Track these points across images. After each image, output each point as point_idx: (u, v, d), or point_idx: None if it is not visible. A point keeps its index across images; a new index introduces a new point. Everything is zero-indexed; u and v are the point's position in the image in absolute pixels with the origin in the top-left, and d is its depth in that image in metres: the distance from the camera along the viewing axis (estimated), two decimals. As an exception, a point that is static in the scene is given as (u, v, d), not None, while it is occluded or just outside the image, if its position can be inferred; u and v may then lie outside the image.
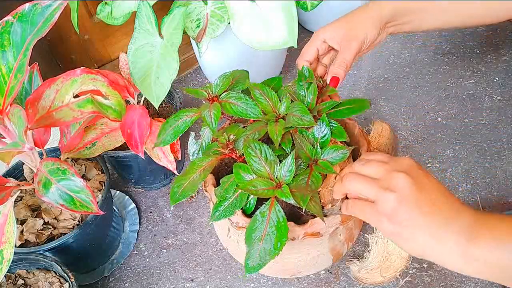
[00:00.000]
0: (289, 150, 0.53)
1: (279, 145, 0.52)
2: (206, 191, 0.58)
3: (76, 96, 0.51)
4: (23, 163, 0.65)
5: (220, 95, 0.57)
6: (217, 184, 0.58)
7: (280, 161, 0.51)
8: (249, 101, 0.55)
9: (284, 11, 0.73)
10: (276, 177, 0.50)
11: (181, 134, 0.58)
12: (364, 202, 0.45)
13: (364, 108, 0.57)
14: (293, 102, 0.55)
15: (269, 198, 0.50)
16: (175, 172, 0.66)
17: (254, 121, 0.57)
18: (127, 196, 0.82)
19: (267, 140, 0.54)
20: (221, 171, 0.64)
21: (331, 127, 0.55)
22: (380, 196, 0.42)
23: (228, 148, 0.54)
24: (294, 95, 0.57)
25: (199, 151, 0.60)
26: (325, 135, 0.54)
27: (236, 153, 0.54)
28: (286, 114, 0.55)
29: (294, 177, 0.50)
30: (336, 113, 0.57)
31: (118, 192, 0.83)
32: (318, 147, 0.53)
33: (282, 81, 0.63)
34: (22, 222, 0.62)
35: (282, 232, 0.48)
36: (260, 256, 0.48)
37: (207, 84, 0.60)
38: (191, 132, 0.62)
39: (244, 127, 0.57)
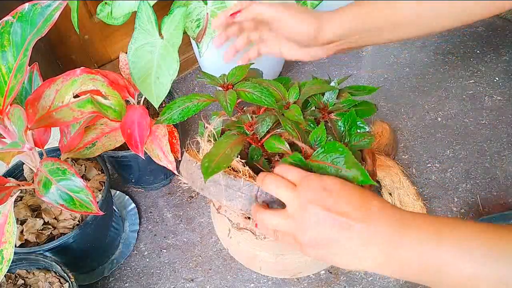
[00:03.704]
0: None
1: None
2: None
3: (76, 96, 0.51)
4: (23, 163, 0.65)
5: (235, 84, 0.58)
6: None
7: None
8: (264, 90, 0.55)
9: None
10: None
11: (189, 116, 0.57)
12: (288, 237, 0.45)
13: (372, 112, 0.58)
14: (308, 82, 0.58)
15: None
16: (175, 172, 0.66)
17: (266, 109, 0.57)
18: (127, 196, 0.82)
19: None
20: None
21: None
22: (292, 231, 0.43)
23: (251, 129, 0.54)
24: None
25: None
26: (351, 128, 0.56)
27: (257, 136, 0.54)
28: (295, 101, 0.56)
29: None
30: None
31: (118, 192, 0.83)
32: (347, 135, 0.55)
33: (290, 81, 0.64)
34: (22, 222, 0.62)
35: None
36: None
37: (221, 75, 0.60)
38: (199, 122, 0.61)
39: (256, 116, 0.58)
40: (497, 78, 0.96)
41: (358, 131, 0.56)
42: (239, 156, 0.55)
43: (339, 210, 0.40)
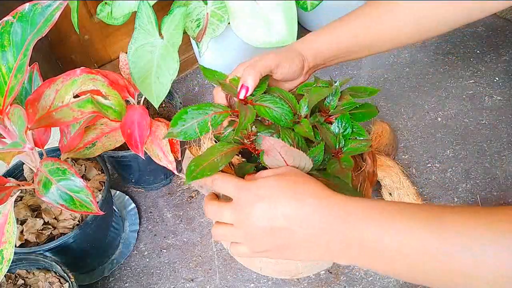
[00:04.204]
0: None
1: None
2: (201, 186, 0.58)
3: (76, 96, 0.51)
4: (23, 163, 0.65)
5: (253, 97, 0.54)
6: None
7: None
8: (284, 106, 0.53)
9: (284, 11, 0.73)
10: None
11: (207, 132, 0.52)
12: (242, 246, 0.46)
13: (374, 115, 0.58)
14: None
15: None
16: (175, 172, 0.66)
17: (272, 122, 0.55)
18: (127, 196, 0.82)
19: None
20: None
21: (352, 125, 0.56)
22: (244, 243, 0.45)
23: (250, 140, 0.53)
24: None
25: None
26: (345, 130, 0.55)
27: (255, 146, 0.54)
28: (306, 115, 0.55)
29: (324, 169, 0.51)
30: (354, 116, 0.58)
31: (118, 192, 0.83)
32: (341, 138, 0.55)
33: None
34: (22, 222, 0.62)
35: None
36: None
37: (236, 77, 0.56)
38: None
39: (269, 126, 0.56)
40: (497, 78, 0.96)
41: (356, 137, 0.56)
42: (240, 154, 0.55)
43: (275, 220, 0.41)
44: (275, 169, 0.46)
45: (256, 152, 0.54)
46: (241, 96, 0.52)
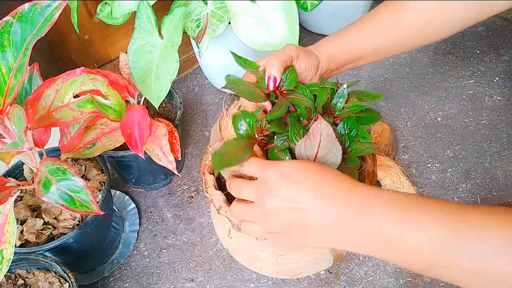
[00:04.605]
0: None
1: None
2: (207, 192, 0.58)
3: (76, 96, 0.51)
4: (23, 163, 0.65)
5: (288, 91, 0.55)
6: (219, 186, 0.58)
7: None
8: (310, 102, 0.53)
9: (284, 11, 0.73)
10: None
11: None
12: (256, 226, 0.47)
13: (376, 120, 0.58)
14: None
15: None
16: (175, 172, 0.66)
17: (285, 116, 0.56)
18: (127, 196, 0.82)
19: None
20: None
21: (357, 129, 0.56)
22: (260, 223, 0.45)
23: (262, 134, 0.53)
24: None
25: None
26: (351, 131, 0.55)
27: (265, 142, 0.54)
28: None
29: None
30: (358, 119, 0.58)
31: (118, 192, 0.83)
32: (347, 139, 0.55)
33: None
34: (22, 222, 0.62)
35: None
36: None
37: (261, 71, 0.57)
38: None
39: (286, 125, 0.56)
40: (497, 78, 0.96)
41: (360, 140, 0.56)
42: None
43: (296, 199, 0.41)
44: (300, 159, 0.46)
45: (266, 148, 0.54)
46: (271, 87, 0.53)
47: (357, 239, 0.39)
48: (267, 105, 0.54)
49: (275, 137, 0.52)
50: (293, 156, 0.49)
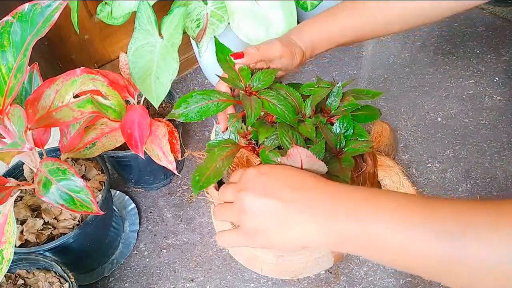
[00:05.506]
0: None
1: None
2: (207, 193, 0.58)
3: (76, 96, 0.51)
4: (23, 163, 0.65)
5: (258, 90, 0.55)
6: (219, 187, 0.58)
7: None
8: (288, 105, 0.53)
9: (283, 10, 0.73)
10: None
11: (208, 116, 0.53)
12: (231, 232, 0.47)
13: (376, 117, 0.58)
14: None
15: None
16: (175, 172, 0.66)
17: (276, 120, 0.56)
18: (127, 196, 0.82)
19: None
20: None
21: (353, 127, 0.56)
22: (237, 222, 0.45)
23: (247, 139, 0.54)
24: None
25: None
26: (347, 131, 0.55)
27: (253, 146, 0.54)
28: (310, 115, 0.56)
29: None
30: (355, 117, 0.58)
31: (118, 192, 0.83)
32: (343, 138, 0.55)
33: (300, 87, 0.63)
34: (22, 222, 0.62)
35: None
36: None
37: (243, 69, 0.57)
38: (216, 124, 0.61)
39: (272, 125, 0.56)
40: (497, 78, 0.96)
41: (357, 138, 0.56)
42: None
43: (273, 194, 0.41)
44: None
45: (255, 152, 0.54)
46: (234, 59, 0.56)
47: (334, 237, 0.39)
48: (230, 109, 0.56)
49: (265, 138, 0.53)
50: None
